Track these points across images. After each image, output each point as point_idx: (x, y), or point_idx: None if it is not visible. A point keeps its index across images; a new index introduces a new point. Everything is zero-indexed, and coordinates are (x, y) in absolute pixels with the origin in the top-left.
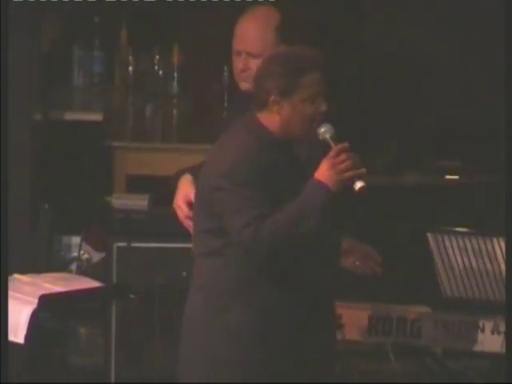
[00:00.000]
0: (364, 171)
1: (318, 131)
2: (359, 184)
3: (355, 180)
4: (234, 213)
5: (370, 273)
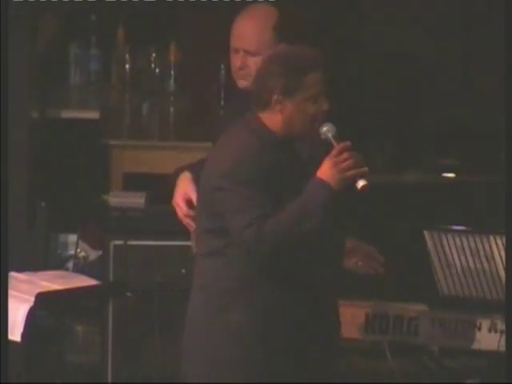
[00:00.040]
0: (366, 170)
1: (320, 130)
2: (361, 183)
3: (357, 179)
4: (236, 213)
5: (373, 273)
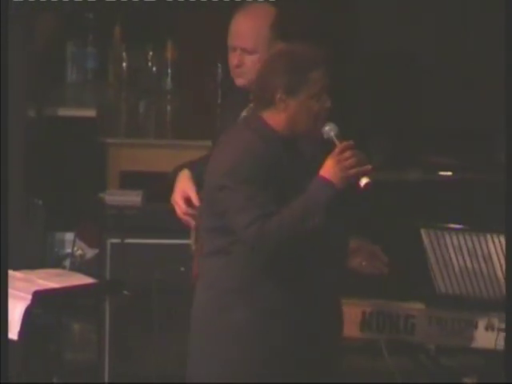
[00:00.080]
0: (369, 168)
1: (323, 130)
2: (364, 180)
3: (360, 176)
4: (239, 211)
5: (377, 273)
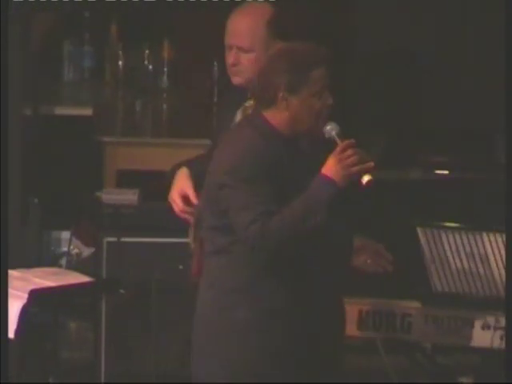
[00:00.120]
0: (371, 165)
1: (324, 129)
2: (366, 178)
3: (362, 174)
4: (240, 210)
5: (381, 271)
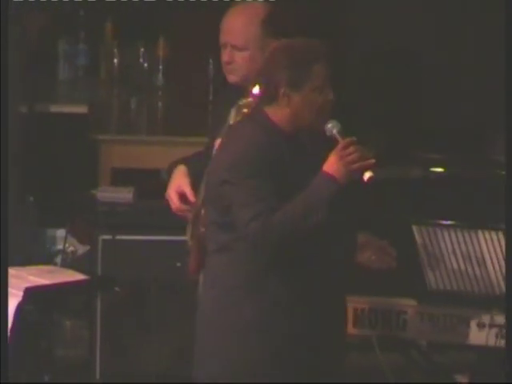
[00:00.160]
0: (372, 162)
1: (326, 127)
2: (368, 174)
3: (363, 171)
4: (242, 206)
5: (386, 267)
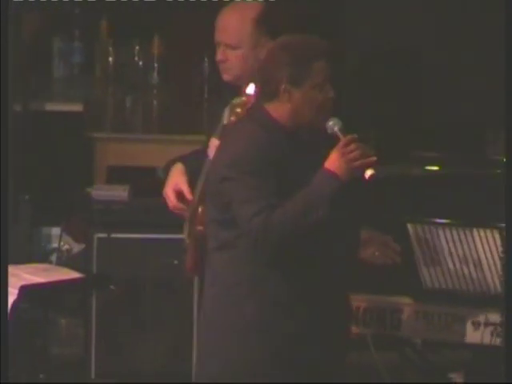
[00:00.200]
0: (374, 159)
1: (327, 125)
2: (369, 172)
3: (365, 168)
4: (243, 202)
5: (390, 262)
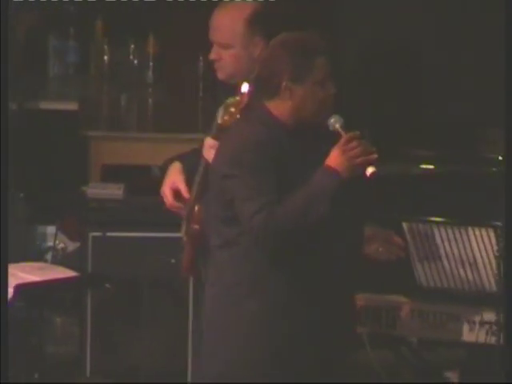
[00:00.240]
0: (375, 157)
1: (328, 122)
2: (371, 169)
3: (366, 166)
4: (245, 200)
5: (394, 258)
